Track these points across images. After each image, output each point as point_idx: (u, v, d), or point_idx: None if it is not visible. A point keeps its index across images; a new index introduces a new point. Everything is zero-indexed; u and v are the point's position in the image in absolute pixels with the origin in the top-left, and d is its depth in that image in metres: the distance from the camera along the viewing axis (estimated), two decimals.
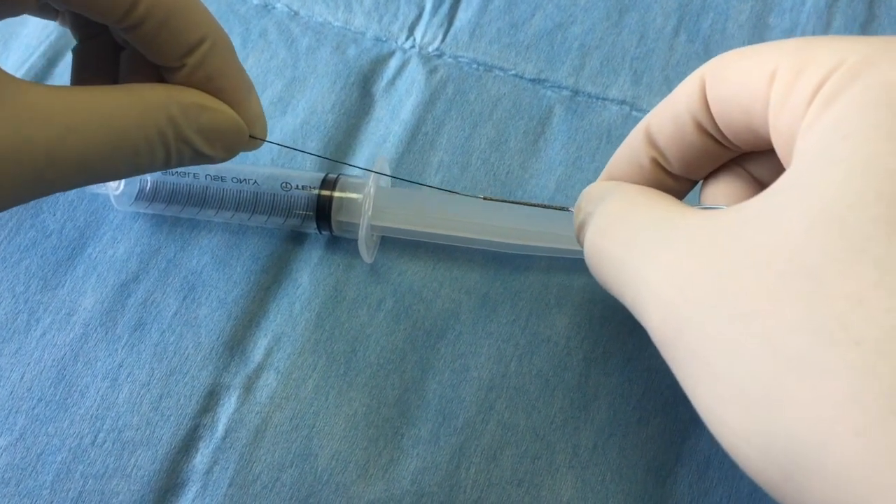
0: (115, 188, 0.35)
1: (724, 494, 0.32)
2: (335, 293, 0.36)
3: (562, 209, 0.31)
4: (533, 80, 0.41)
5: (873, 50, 0.19)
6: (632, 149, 0.28)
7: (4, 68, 0.22)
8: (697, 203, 0.27)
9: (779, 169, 0.24)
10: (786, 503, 0.17)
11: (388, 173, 0.37)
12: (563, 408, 0.33)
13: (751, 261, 0.18)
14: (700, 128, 0.25)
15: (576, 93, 0.40)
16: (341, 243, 0.37)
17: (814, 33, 0.41)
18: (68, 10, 0.28)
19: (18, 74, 0.41)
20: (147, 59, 0.26)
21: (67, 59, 0.42)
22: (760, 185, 0.26)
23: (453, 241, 0.35)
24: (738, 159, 0.27)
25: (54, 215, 0.37)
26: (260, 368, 0.34)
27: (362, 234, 0.33)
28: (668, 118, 0.26)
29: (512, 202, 0.32)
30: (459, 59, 0.41)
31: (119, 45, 0.27)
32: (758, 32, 0.42)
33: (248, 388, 0.34)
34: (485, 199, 0.33)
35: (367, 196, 0.34)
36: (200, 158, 0.26)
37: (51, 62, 0.42)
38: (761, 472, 0.18)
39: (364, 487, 0.32)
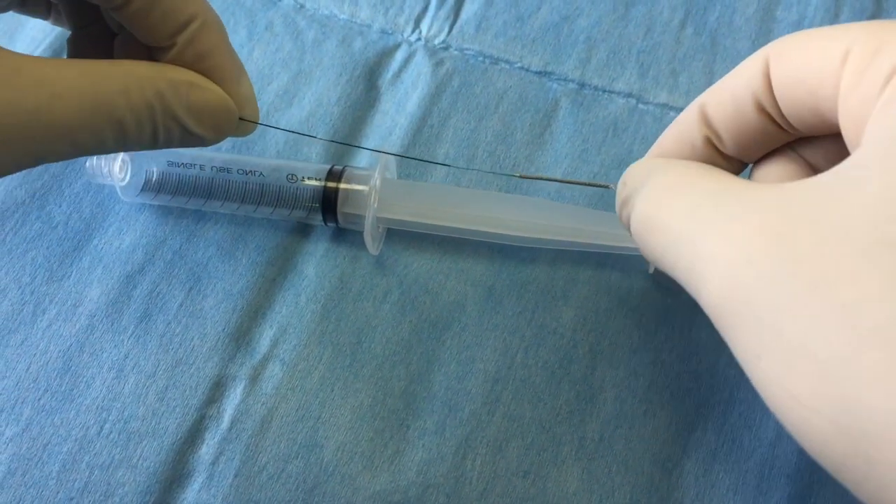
0: (120, 179, 0.35)
1: (730, 486, 0.32)
2: (341, 285, 0.36)
3: (603, 186, 0.31)
4: (539, 73, 0.41)
5: None
6: (685, 126, 0.27)
7: None
8: None
9: (834, 155, 0.24)
10: (847, 477, 0.17)
11: (394, 167, 0.37)
12: (568, 400, 0.33)
13: (829, 232, 0.18)
14: (760, 108, 0.24)
15: (582, 85, 0.40)
16: (347, 235, 0.37)
17: (821, 27, 0.41)
18: (61, 1, 0.28)
19: None
20: (140, 44, 0.26)
21: None
22: (813, 170, 0.26)
23: (459, 233, 0.35)
24: (792, 143, 0.26)
25: (60, 207, 0.37)
26: (266, 360, 0.34)
27: (368, 225, 0.33)
28: (727, 97, 0.25)
29: (549, 179, 0.32)
30: (465, 52, 0.41)
31: (113, 33, 0.27)
32: (765, 25, 0.42)
33: (254, 379, 0.34)
34: (521, 176, 0.32)
35: (373, 188, 0.34)
36: (189, 138, 0.27)
37: (56, 55, 0.42)
38: (830, 446, 0.17)
39: (370, 478, 0.32)
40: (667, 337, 0.34)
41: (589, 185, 0.32)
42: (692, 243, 0.22)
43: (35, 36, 0.42)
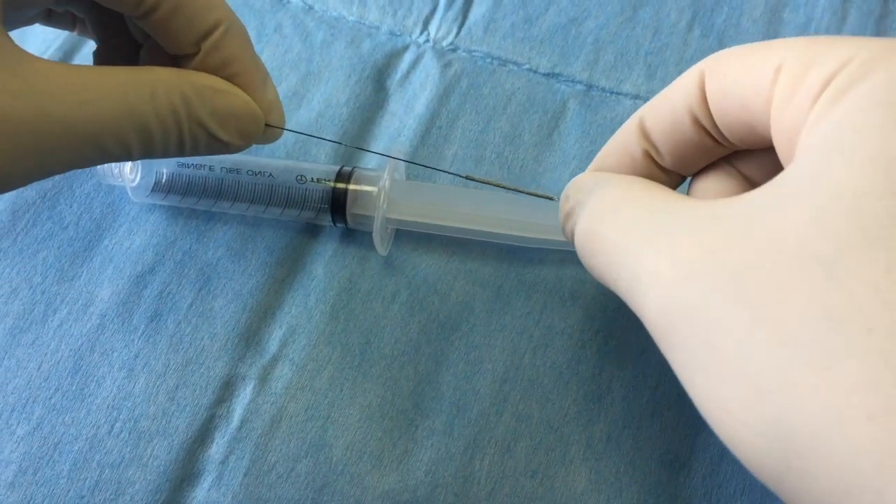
0: (131, 180, 0.35)
1: (737, 487, 0.32)
2: (350, 285, 0.36)
3: (547, 198, 0.31)
4: (547, 75, 0.41)
5: (880, 48, 0.19)
6: (624, 140, 0.27)
7: None
8: None
9: (770, 169, 0.25)
10: (783, 493, 0.17)
11: (403, 167, 0.37)
12: (576, 400, 0.33)
13: (761, 248, 0.18)
14: (696, 122, 0.25)
15: (590, 87, 0.41)
16: (356, 236, 0.37)
17: (828, 28, 0.41)
18: (87, 13, 0.28)
19: None
20: (165, 54, 0.26)
21: (83, 53, 0.42)
22: (750, 184, 0.26)
23: (468, 234, 0.35)
24: (729, 157, 0.27)
25: (71, 207, 0.38)
26: (275, 359, 0.34)
27: (377, 226, 0.34)
28: (664, 111, 0.26)
29: (495, 184, 0.32)
30: (474, 54, 0.42)
31: (138, 43, 0.28)
32: (772, 27, 0.42)
33: (264, 378, 0.34)
34: (467, 177, 0.32)
35: (381, 189, 0.34)
36: (216, 144, 0.27)
37: (67, 55, 0.42)
38: (763, 460, 0.18)
39: (378, 478, 0.32)
40: None
41: (533, 195, 0.31)
42: (633, 259, 0.22)
43: (46, 37, 0.43)
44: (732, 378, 0.18)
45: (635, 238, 0.22)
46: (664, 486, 0.32)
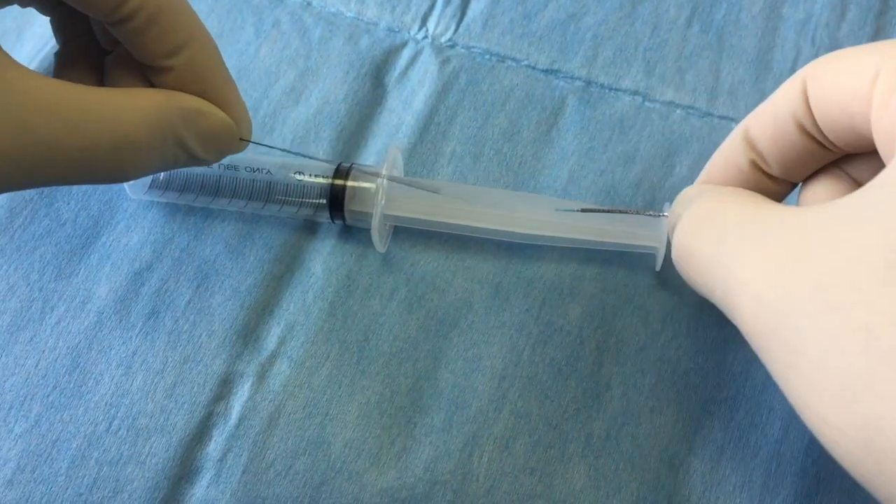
0: None
1: (736, 484, 0.32)
2: (348, 282, 0.36)
3: (655, 215, 0.32)
4: (545, 71, 0.41)
5: None
6: (730, 152, 0.28)
7: (19, 59, 0.22)
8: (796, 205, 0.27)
9: (879, 171, 0.25)
10: (877, 492, 0.18)
11: (401, 164, 0.37)
12: (575, 397, 0.33)
13: (847, 254, 0.18)
14: (801, 129, 0.25)
15: (588, 83, 0.40)
16: (354, 232, 0.37)
17: (828, 24, 0.41)
18: (52, 12, 0.28)
19: (32, 65, 0.41)
20: (133, 63, 0.26)
21: None
22: (860, 187, 0.26)
23: (466, 230, 0.35)
24: (838, 161, 0.27)
25: (68, 204, 0.37)
26: (273, 356, 0.34)
27: (375, 223, 0.34)
28: (769, 120, 0.26)
29: (605, 210, 0.33)
30: (472, 50, 0.41)
31: (103, 50, 0.27)
32: (771, 23, 0.41)
33: (262, 375, 0.34)
34: (583, 210, 0.33)
35: (380, 185, 0.34)
36: (193, 162, 0.27)
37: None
38: (857, 463, 0.18)
39: (377, 475, 0.32)
40: (673, 334, 0.34)
41: (643, 213, 0.32)
42: (724, 270, 0.23)
43: (43, 34, 0.42)
44: (823, 384, 0.18)
45: (725, 249, 0.23)
46: (663, 483, 0.32)
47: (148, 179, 0.35)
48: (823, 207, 0.20)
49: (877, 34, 0.41)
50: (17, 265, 0.36)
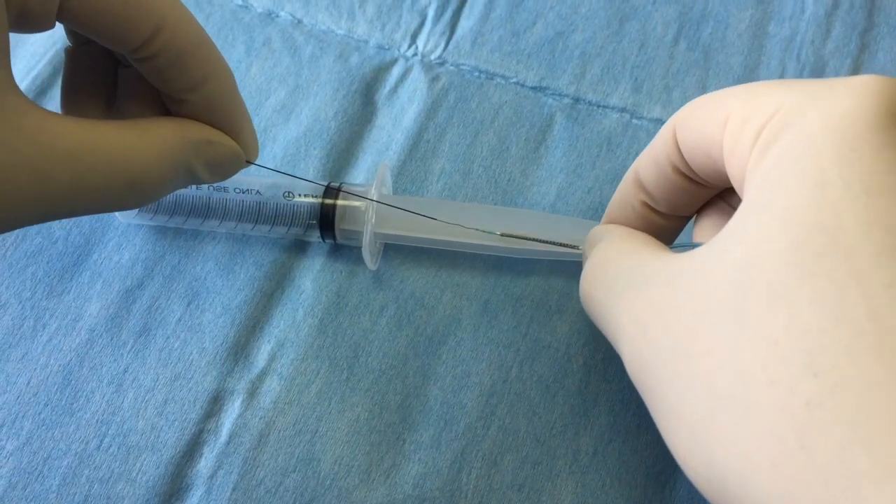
0: None
1: None
2: (338, 299, 0.36)
3: (572, 248, 0.32)
4: (534, 88, 0.41)
5: (803, 97, 0.20)
6: (624, 193, 0.29)
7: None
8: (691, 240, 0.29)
9: None
10: None
11: (390, 182, 0.38)
12: (563, 413, 0.34)
13: (694, 305, 0.20)
14: (677, 170, 0.26)
15: (577, 100, 0.41)
16: (344, 250, 0.37)
17: (813, 42, 0.42)
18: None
19: (24, 82, 0.41)
20: (147, 84, 0.26)
21: None
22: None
23: (456, 246, 0.35)
24: (722, 195, 0.28)
25: (60, 222, 0.38)
26: (263, 374, 0.35)
27: (366, 241, 0.34)
28: (651, 163, 0.27)
29: (528, 238, 0.33)
30: (461, 67, 0.42)
31: (113, 55, 0.27)
32: (757, 41, 0.42)
33: (252, 393, 0.34)
34: (502, 235, 0.33)
35: (369, 204, 0.34)
36: (195, 183, 0.27)
37: (56, 70, 0.42)
38: (714, 500, 0.19)
39: (366, 492, 0.32)
40: None
41: (562, 245, 0.33)
42: (609, 316, 0.24)
43: (36, 51, 0.43)
44: (679, 426, 0.20)
45: (612, 298, 0.24)
46: (650, 499, 0.32)
47: None
48: (686, 257, 0.21)
49: (861, 51, 0.41)
50: (9, 283, 0.36)
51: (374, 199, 0.34)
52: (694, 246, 0.26)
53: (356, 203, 0.35)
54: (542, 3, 0.43)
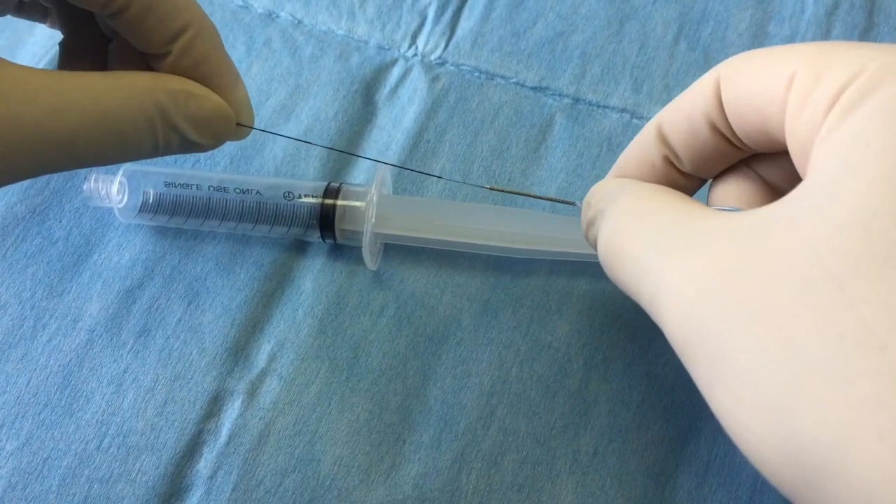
0: (118, 201, 0.36)
1: (723, 499, 0.32)
2: (338, 300, 0.36)
3: (568, 203, 0.31)
4: (534, 88, 0.41)
5: (893, 58, 0.19)
6: (643, 146, 0.28)
7: None
8: (705, 202, 0.27)
9: (789, 172, 0.25)
10: None
11: (390, 182, 0.38)
12: (563, 413, 0.34)
13: (775, 266, 0.18)
14: (713, 127, 0.25)
15: (577, 101, 0.41)
16: (344, 250, 0.37)
17: (813, 41, 0.42)
18: (54, 3, 0.28)
19: None
20: (135, 50, 0.26)
21: None
22: (769, 187, 0.26)
23: (456, 246, 0.35)
24: (748, 160, 0.27)
25: (60, 222, 0.38)
26: (263, 374, 0.34)
27: (366, 242, 0.34)
28: (682, 116, 0.26)
29: (518, 193, 0.33)
30: (461, 68, 0.42)
31: (107, 38, 0.28)
32: (757, 41, 0.42)
33: (252, 393, 0.34)
34: (491, 188, 0.33)
35: (370, 204, 0.34)
36: (189, 146, 0.27)
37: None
38: (781, 476, 0.18)
39: (366, 492, 0.32)
40: (661, 350, 0.35)
41: (555, 200, 0.32)
42: (653, 274, 0.22)
43: (36, 52, 0.43)
44: (747, 394, 0.18)
45: (655, 252, 0.22)
46: (650, 499, 0.32)
47: (137, 203, 0.35)
48: (752, 215, 0.20)
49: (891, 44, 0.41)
50: (9, 283, 0.36)
51: (375, 199, 0.34)
52: (738, 211, 0.24)
53: (356, 203, 0.35)
54: (542, 4, 0.43)
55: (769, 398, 0.17)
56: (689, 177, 0.28)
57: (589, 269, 0.36)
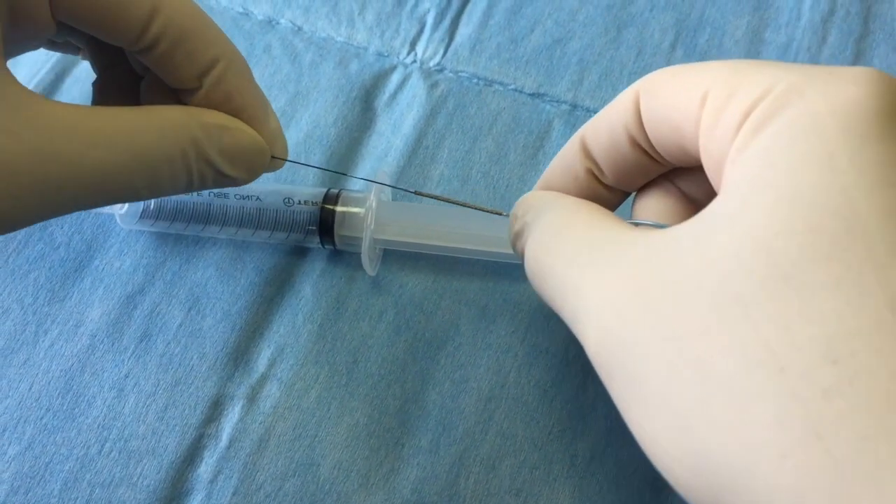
0: (119, 207, 0.36)
1: None
2: (337, 305, 0.36)
3: (496, 213, 0.31)
4: (532, 95, 0.42)
5: (800, 78, 0.19)
6: (568, 159, 0.28)
7: None
8: (629, 216, 0.28)
9: (708, 187, 0.25)
10: None
11: (389, 188, 0.38)
12: (560, 418, 0.34)
13: (684, 285, 0.19)
14: (633, 141, 0.25)
15: (574, 107, 0.41)
16: (343, 255, 0.37)
17: (809, 49, 0.42)
18: (86, 44, 0.28)
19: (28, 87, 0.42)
20: (166, 86, 0.26)
21: (75, 74, 0.43)
22: (689, 201, 0.27)
23: (455, 252, 0.35)
24: (669, 174, 0.27)
25: (62, 228, 0.38)
26: (263, 379, 0.35)
27: (365, 247, 0.34)
28: (604, 130, 0.26)
29: (446, 199, 0.32)
30: (460, 74, 0.42)
31: (138, 75, 0.28)
32: (754, 48, 0.42)
33: (252, 398, 0.34)
34: (416, 192, 0.33)
35: (369, 210, 0.34)
36: (223, 180, 0.27)
37: (59, 77, 0.43)
38: (692, 493, 0.18)
39: (365, 497, 0.32)
40: None
41: (482, 209, 0.32)
42: (573, 291, 0.22)
43: (38, 58, 0.43)
44: (660, 413, 0.18)
45: (575, 270, 0.23)
46: None
47: (138, 209, 0.36)
48: (664, 234, 0.20)
49: (857, 58, 0.42)
50: (11, 289, 0.37)
51: (374, 205, 0.34)
52: (659, 226, 0.25)
53: (355, 209, 0.35)
54: (540, 11, 0.44)
55: (680, 417, 0.18)
56: (613, 190, 0.28)
57: None
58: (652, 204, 0.27)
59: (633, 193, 0.28)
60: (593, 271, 0.22)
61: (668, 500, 0.32)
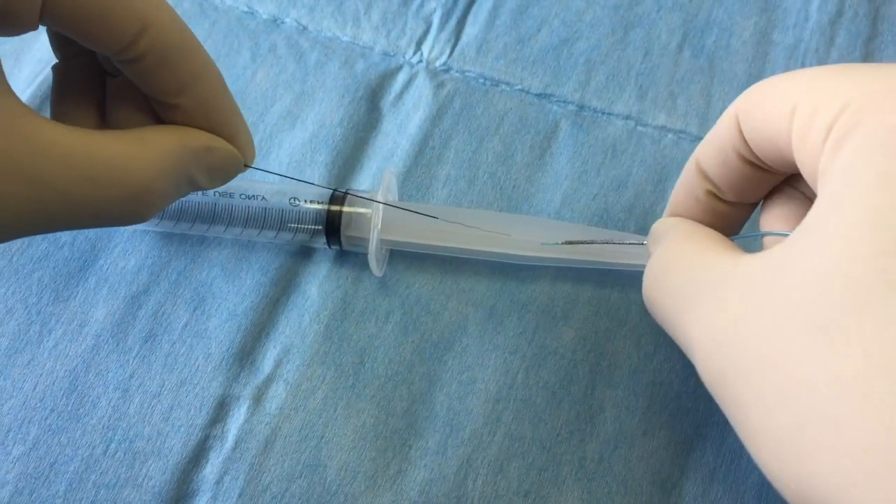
0: None
1: None
2: (344, 305, 0.36)
3: (637, 244, 0.33)
4: (539, 95, 0.41)
5: (877, 88, 0.19)
6: (687, 183, 0.29)
7: (16, 83, 0.21)
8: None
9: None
10: None
11: (395, 188, 0.38)
12: (569, 420, 0.34)
13: (774, 314, 0.19)
14: (742, 158, 0.26)
15: (581, 107, 0.41)
16: (349, 256, 0.37)
17: (817, 50, 0.42)
18: (51, 32, 0.28)
19: (30, 89, 0.41)
20: (139, 92, 0.25)
21: None
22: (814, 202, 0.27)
23: (462, 252, 0.35)
24: (790, 180, 0.27)
25: None
26: (269, 379, 0.35)
27: (373, 248, 0.34)
28: (714, 151, 0.27)
29: (588, 242, 0.33)
30: (466, 74, 0.42)
31: (105, 71, 0.27)
32: (761, 48, 0.42)
33: (258, 399, 0.34)
34: (564, 243, 0.34)
35: (376, 210, 0.34)
36: (195, 190, 0.27)
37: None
38: None
39: (372, 498, 0.32)
40: (666, 357, 0.35)
41: (625, 244, 0.33)
42: (678, 324, 0.24)
43: (42, 57, 0.43)
44: (762, 439, 0.19)
45: (678, 305, 0.24)
46: None
47: None
48: (758, 259, 0.21)
49: (865, 59, 0.42)
50: (16, 288, 0.36)
51: (380, 208, 0.34)
52: (760, 235, 0.26)
53: (362, 210, 0.35)
54: (546, 11, 0.44)
55: (781, 445, 0.18)
56: (736, 205, 0.28)
57: (594, 275, 0.36)
58: (777, 212, 0.27)
59: (761, 203, 0.29)
60: (694, 306, 0.23)
61: (677, 502, 0.32)
